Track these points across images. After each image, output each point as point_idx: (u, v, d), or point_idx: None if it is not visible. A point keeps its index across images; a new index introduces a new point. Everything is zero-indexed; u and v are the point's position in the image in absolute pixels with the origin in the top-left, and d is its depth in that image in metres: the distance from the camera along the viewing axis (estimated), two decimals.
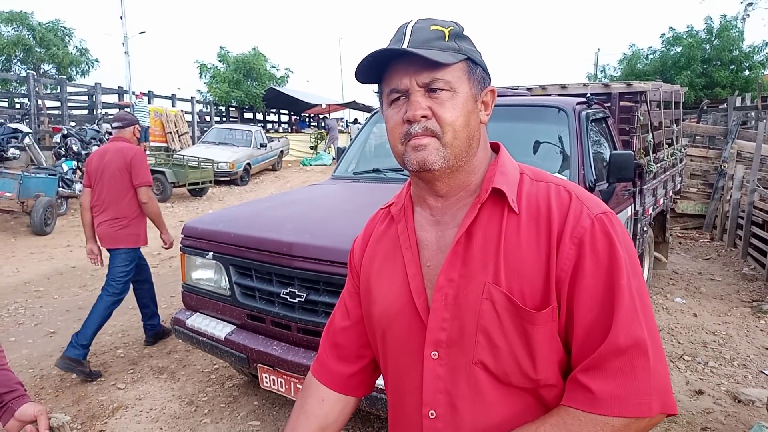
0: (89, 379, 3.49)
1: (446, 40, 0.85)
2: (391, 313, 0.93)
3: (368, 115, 4.22)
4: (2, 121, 9.88)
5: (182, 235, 2.84)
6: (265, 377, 2.49)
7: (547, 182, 0.89)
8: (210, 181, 12.01)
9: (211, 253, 2.65)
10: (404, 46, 0.83)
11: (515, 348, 0.82)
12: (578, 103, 3.28)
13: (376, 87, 0.92)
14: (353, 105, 25.62)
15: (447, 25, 0.86)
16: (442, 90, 0.83)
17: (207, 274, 2.74)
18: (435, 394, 0.87)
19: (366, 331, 1.03)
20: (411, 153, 0.85)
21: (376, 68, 0.87)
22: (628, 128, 4.21)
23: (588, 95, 3.51)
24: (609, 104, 4.13)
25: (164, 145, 15.45)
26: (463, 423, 0.86)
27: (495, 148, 0.96)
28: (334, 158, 19.22)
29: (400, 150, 0.87)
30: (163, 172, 10.74)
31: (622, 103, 4.25)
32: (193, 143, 15.89)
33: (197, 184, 11.62)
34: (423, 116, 0.83)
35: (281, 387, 2.45)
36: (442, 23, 0.86)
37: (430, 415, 0.88)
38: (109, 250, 3.77)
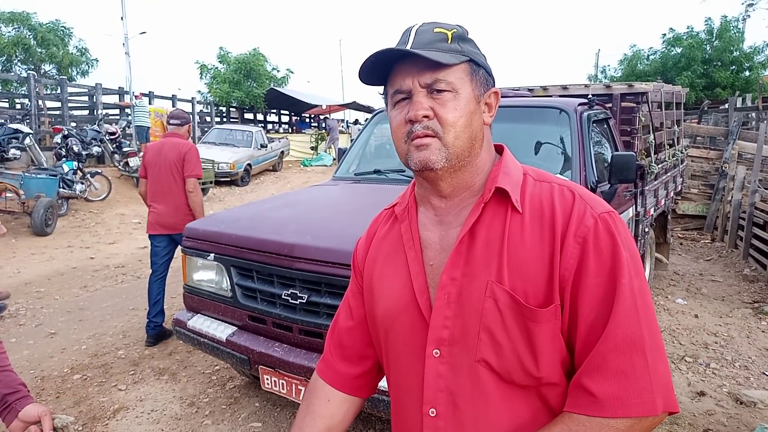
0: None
1: (449, 42, 0.86)
2: (394, 312, 0.93)
3: (369, 115, 4.23)
4: (3, 121, 9.87)
5: (184, 237, 2.84)
6: (267, 379, 2.49)
7: (551, 182, 0.89)
8: (211, 182, 11.99)
9: (212, 255, 2.64)
10: (408, 48, 0.84)
11: (518, 346, 0.82)
12: (580, 104, 3.27)
13: (380, 89, 0.93)
14: (354, 105, 25.62)
15: (450, 28, 0.87)
16: (444, 91, 0.84)
17: (208, 275, 2.74)
18: (436, 392, 0.87)
19: (370, 331, 1.03)
20: (413, 152, 0.86)
21: (380, 70, 0.89)
22: (629, 129, 4.21)
23: (589, 96, 3.50)
24: (610, 105, 4.12)
25: None
26: (464, 421, 0.86)
27: (499, 149, 0.97)
28: (334, 159, 19.22)
29: (404, 149, 0.88)
30: None
31: (623, 104, 4.24)
32: (194, 143, 15.88)
33: None
34: (425, 116, 0.84)
35: (282, 388, 2.45)
36: (446, 26, 0.88)
37: (430, 413, 0.88)
38: (175, 236, 4.08)
